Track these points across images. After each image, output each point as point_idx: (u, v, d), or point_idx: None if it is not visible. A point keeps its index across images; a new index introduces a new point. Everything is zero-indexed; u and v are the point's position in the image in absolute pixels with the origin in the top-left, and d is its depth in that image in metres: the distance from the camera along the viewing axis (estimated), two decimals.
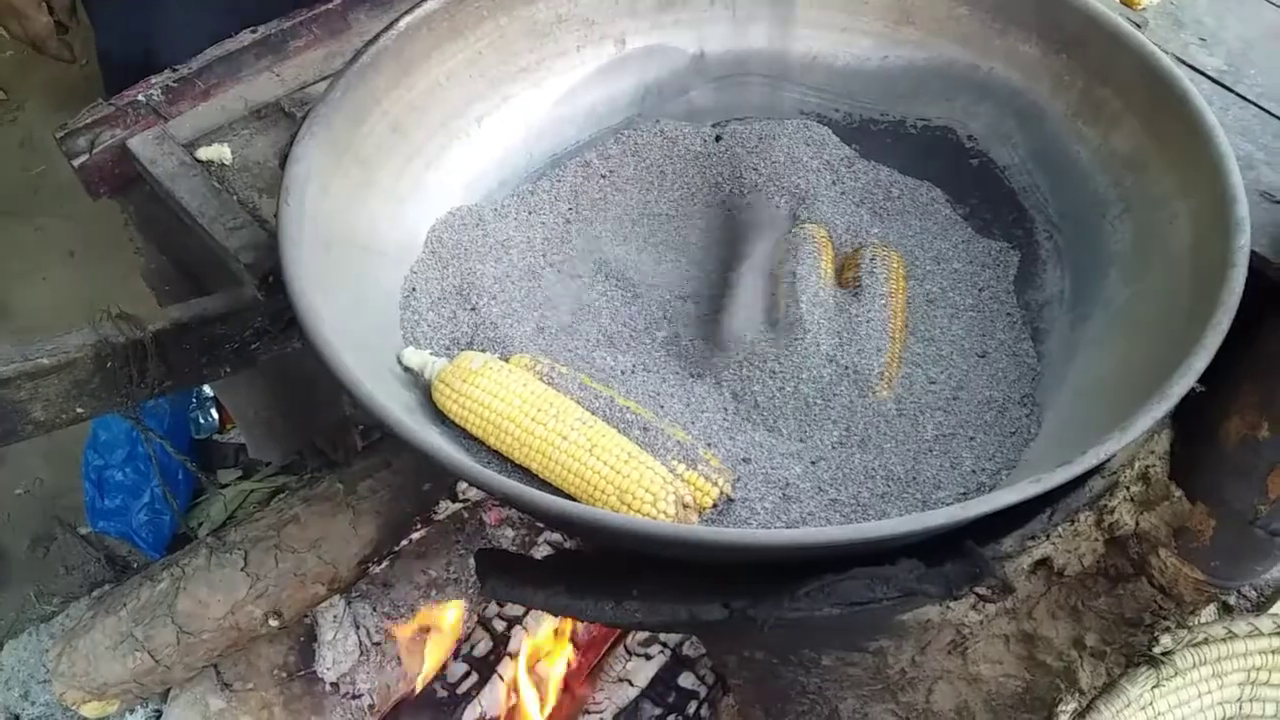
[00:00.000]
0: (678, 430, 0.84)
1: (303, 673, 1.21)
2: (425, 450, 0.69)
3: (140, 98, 1.12)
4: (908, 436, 0.87)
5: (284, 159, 0.86)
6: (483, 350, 0.90)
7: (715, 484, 0.81)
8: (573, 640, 1.15)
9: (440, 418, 0.85)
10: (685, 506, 0.78)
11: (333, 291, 0.81)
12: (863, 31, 1.06)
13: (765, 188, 1.05)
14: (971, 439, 0.86)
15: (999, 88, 1.02)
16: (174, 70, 1.14)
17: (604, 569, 0.74)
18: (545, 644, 1.15)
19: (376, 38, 0.94)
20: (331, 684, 1.20)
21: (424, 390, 0.86)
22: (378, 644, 1.22)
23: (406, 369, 0.87)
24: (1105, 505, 0.79)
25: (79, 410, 1.01)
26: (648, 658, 1.15)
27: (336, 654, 1.20)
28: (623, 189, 1.07)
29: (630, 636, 1.15)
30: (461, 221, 0.99)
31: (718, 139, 1.08)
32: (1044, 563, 0.82)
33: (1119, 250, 0.90)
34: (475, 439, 0.84)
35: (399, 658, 1.22)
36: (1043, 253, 0.97)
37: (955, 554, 0.69)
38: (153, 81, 1.13)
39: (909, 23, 1.04)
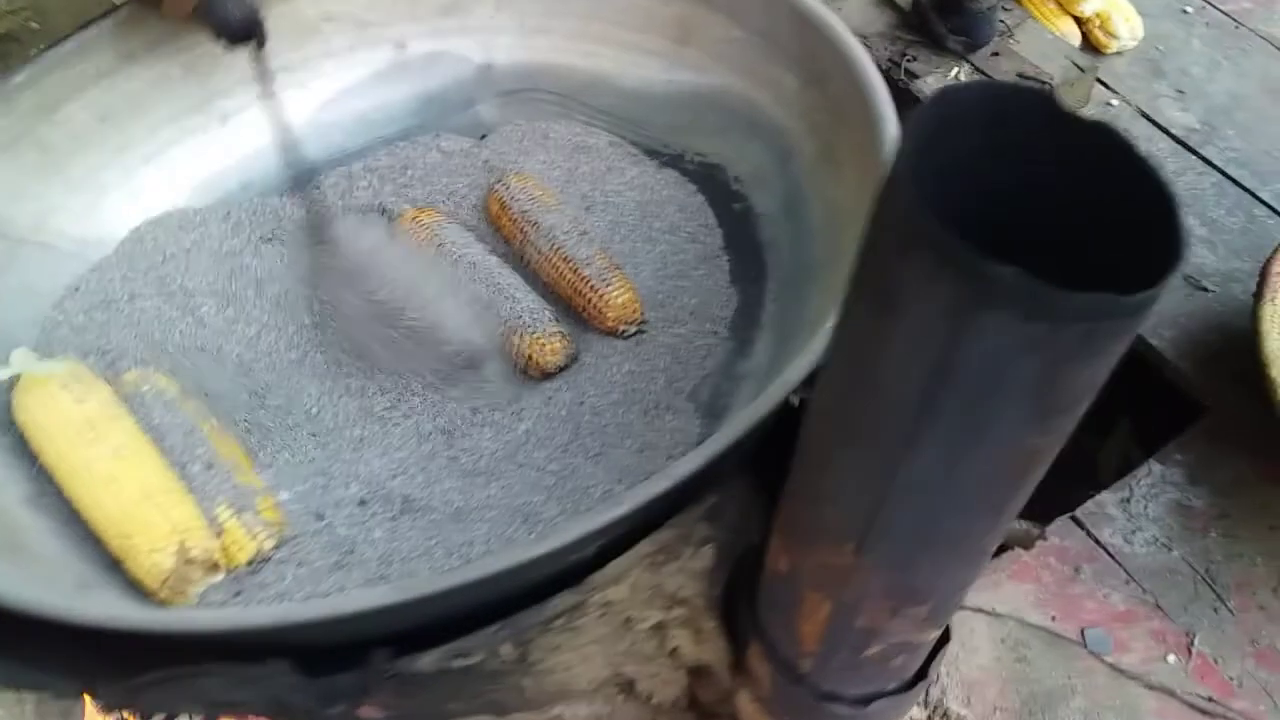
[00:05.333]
0: (251, 475, 0.74)
1: None
2: None
3: None
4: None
5: None
6: (126, 364, 0.82)
7: (255, 538, 0.70)
8: None
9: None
10: (189, 562, 0.68)
11: None
12: (649, 50, 0.92)
13: None
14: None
15: (765, 124, 0.86)
16: None
17: None
18: None
19: (91, 23, 0.89)
20: None
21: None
22: None
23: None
24: (664, 628, 0.63)
25: None
26: None
27: None
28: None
29: None
30: (178, 224, 0.92)
31: (482, 137, 0.97)
32: (629, 686, 0.67)
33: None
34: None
35: None
36: (763, 319, 0.81)
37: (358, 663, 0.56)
38: None
39: (689, 43, 0.90)
